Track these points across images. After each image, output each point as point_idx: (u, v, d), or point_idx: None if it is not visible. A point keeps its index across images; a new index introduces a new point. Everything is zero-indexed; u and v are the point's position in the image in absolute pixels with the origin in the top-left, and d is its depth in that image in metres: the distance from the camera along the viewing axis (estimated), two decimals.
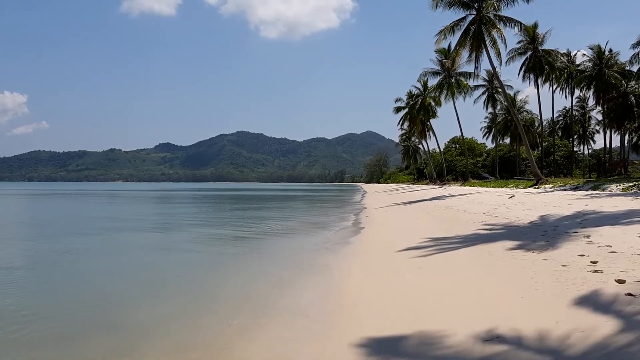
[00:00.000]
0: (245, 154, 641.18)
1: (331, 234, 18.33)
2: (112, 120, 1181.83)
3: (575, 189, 28.61)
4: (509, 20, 38.97)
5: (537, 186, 35.59)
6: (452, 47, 46.59)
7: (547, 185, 34.46)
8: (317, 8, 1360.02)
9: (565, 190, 29.02)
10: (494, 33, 38.65)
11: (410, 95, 79.74)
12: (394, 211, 28.11)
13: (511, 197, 26.37)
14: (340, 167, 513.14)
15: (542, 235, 11.00)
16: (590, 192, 24.90)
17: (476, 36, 38.40)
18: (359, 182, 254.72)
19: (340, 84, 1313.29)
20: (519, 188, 37.02)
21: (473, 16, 39.18)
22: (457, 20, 39.85)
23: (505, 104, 73.58)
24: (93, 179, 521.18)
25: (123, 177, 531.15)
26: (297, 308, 7.47)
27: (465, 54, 40.91)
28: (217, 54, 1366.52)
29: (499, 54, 39.85)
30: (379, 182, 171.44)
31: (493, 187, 44.02)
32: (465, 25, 39.36)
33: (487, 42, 38.75)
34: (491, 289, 6.93)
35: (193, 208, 40.01)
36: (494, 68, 40.04)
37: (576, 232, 10.87)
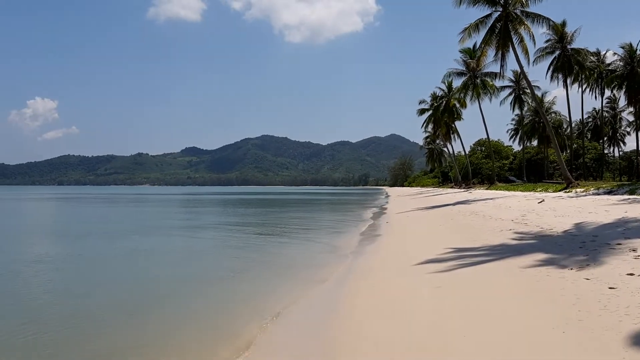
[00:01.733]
0: (270, 157, 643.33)
1: (344, 242, 17.20)
2: (140, 125, 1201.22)
3: (610, 193, 26.92)
4: (536, 17, 37.29)
5: (567, 190, 33.85)
6: (477, 47, 45.16)
7: (578, 189, 32.70)
8: (341, 12, 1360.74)
9: (598, 194, 27.35)
10: (521, 30, 37.04)
11: (434, 97, 78.12)
12: (415, 216, 26.80)
13: (541, 202, 24.85)
14: (364, 170, 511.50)
15: (580, 247, 9.68)
16: (627, 196, 23.25)
17: (502, 34, 36.80)
18: (383, 186, 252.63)
19: (364, 87, 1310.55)
20: (548, 192, 35.28)
21: (499, 13, 37.58)
22: (482, 18, 38.32)
23: (533, 104, 71.56)
24: (121, 182, 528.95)
25: (150, 181, 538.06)
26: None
27: (490, 52, 39.34)
28: (241, 59, 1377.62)
29: (526, 52, 38.22)
30: (403, 186, 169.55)
31: (521, 190, 42.25)
32: (491, 22, 37.80)
33: (513, 40, 37.13)
34: (524, 318, 5.70)
35: (224, 213, 39.32)
36: (521, 67, 38.32)
37: (619, 243, 9.54)
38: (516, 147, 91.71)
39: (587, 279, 6.92)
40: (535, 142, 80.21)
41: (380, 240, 16.89)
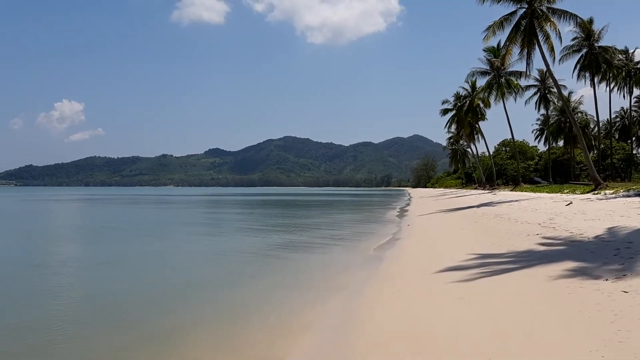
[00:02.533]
0: (292, 158, 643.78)
1: (363, 246, 16.69)
2: (164, 127, 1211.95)
3: None
4: (563, 14, 36.13)
5: (596, 192, 32.70)
6: (502, 45, 44.09)
7: (607, 191, 31.54)
8: (363, 12, 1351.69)
9: (629, 196, 26.25)
10: (547, 27, 35.93)
11: (457, 97, 76.88)
12: (438, 219, 26.11)
13: (569, 204, 23.93)
14: (386, 171, 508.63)
15: (615, 254, 9.00)
16: None
17: (528, 31, 35.73)
18: (405, 187, 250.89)
19: (387, 88, 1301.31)
20: (575, 194, 34.15)
21: (524, 10, 36.50)
22: (506, 15, 37.27)
23: (559, 104, 69.91)
24: (146, 183, 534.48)
25: (174, 182, 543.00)
26: None
27: (515, 51, 38.22)
28: (264, 61, 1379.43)
29: (552, 50, 37.04)
30: (426, 187, 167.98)
31: (547, 192, 41.08)
32: (516, 19, 36.71)
33: (539, 38, 36.05)
34: (556, 339, 5.12)
35: (250, 215, 39.13)
36: (547, 65, 37.18)
37: None
38: (541, 147, 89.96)
39: (625, 292, 6.30)
40: (561, 143, 78.43)
41: (400, 244, 16.34)
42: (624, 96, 62.25)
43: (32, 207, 53.65)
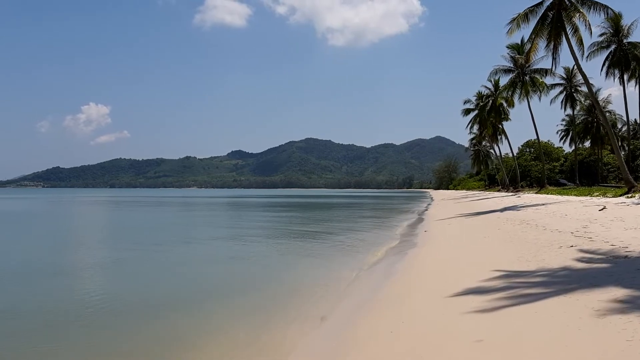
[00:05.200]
0: (314, 160, 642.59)
1: (370, 258, 14.99)
2: (188, 129, 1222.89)
3: None
4: (593, 4, 33.78)
5: (629, 195, 30.35)
6: (525, 40, 41.83)
7: None
8: (385, 14, 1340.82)
9: None
10: (576, 19, 33.68)
11: (479, 96, 74.56)
12: (458, 225, 24.22)
13: (602, 209, 21.82)
14: (408, 173, 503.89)
15: None
16: None
17: (555, 23, 33.52)
18: (427, 189, 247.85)
19: (408, 89, 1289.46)
20: (607, 197, 31.82)
21: (551, 0, 34.35)
22: (532, 7, 35.06)
23: (586, 103, 67.07)
24: (170, 185, 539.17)
25: (197, 184, 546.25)
26: None
27: (541, 45, 36.01)
28: (285, 63, 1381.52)
29: (581, 43, 34.75)
30: (448, 189, 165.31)
31: (575, 195, 38.73)
32: (542, 11, 34.50)
33: (567, 30, 33.83)
34: None
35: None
36: (575, 59, 34.85)
37: None
38: (566, 148, 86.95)
39: None
40: (587, 144, 75.50)
41: (414, 254, 14.59)
42: None
43: (67, 209, 55.56)
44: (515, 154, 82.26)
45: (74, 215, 45.46)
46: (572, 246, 11.66)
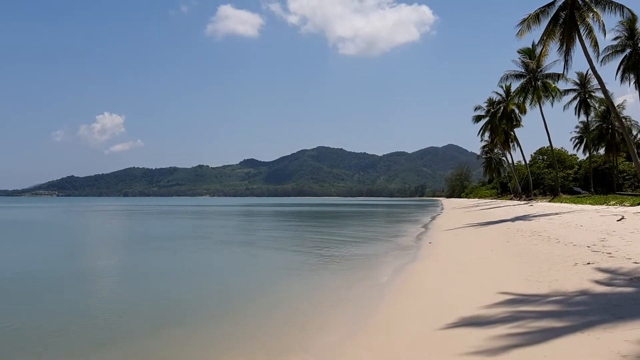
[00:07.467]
0: (326, 168, 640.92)
1: (363, 275, 13.59)
2: (200, 138, 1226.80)
3: None
4: (608, 4, 32.20)
5: None
6: (537, 44, 40.36)
7: None
8: (397, 22, 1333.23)
9: None
10: (590, 19, 32.18)
11: (490, 103, 72.78)
12: (465, 236, 22.76)
13: (620, 219, 20.27)
14: (420, 181, 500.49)
15: None
16: None
17: (568, 23, 32.02)
18: (439, 197, 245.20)
19: (420, 97, 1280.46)
20: (624, 206, 30.10)
21: (564, 0, 32.87)
22: (543, 7, 33.56)
23: (601, 108, 65.18)
24: (182, 193, 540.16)
25: (210, 192, 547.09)
26: None
27: (553, 47, 34.52)
28: (297, 72, 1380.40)
29: (595, 45, 33.19)
30: (460, 197, 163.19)
31: (590, 204, 36.97)
32: (554, 11, 33.01)
33: (581, 31, 32.32)
34: None
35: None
36: (590, 61, 33.25)
37: None
38: (580, 156, 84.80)
39: None
40: (602, 151, 73.41)
41: (412, 270, 13.26)
42: None
43: (81, 219, 54.63)
44: (527, 162, 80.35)
45: (91, 224, 45.00)
46: (588, 263, 10.23)
